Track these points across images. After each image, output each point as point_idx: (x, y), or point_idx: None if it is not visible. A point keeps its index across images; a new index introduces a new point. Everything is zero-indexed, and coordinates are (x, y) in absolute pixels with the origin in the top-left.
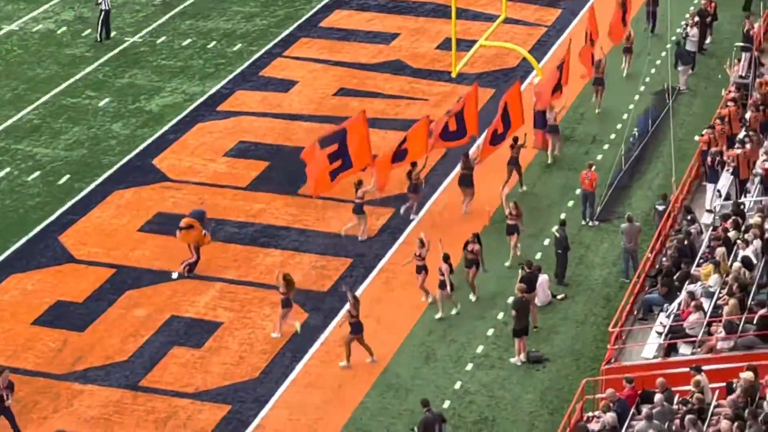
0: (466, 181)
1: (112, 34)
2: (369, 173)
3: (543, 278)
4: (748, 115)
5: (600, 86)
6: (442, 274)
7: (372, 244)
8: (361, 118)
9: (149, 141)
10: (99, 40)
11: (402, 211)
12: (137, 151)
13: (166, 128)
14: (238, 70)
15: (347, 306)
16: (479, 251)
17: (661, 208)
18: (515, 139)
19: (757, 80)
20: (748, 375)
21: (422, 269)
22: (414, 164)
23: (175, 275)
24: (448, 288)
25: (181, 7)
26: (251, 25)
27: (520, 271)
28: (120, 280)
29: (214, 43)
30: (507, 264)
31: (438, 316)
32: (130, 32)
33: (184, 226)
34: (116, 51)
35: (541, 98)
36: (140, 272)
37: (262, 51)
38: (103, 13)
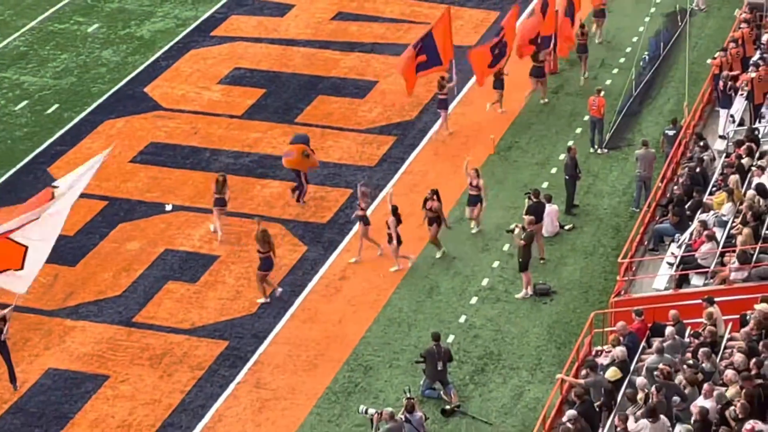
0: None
1: None
2: None
3: (552, 208)
4: (764, 38)
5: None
6: (389, 228)
7: (373, 174)
8: (446, 15)
9: (140, 68)
10: None
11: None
12: (128, 78)
13: (158, 55)
14: None
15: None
16: (439, 208)
17: (670, 133)
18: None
19: None
20: (762, 306)
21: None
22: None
23: (169, 207)
24: (395, 242)
25: None
26: None
27: (526, 200)
28: (112, 213)
29: None
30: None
31: (393, 269)
32: None
33: (299, 153)
34: None
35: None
36: (133, 204)
37: None
38: None
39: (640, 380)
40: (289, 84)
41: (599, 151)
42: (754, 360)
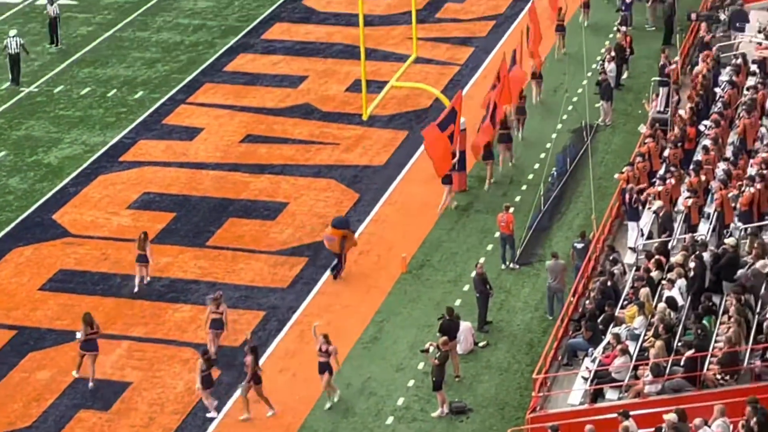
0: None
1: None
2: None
3: (465, 325)
4: (667, 152)
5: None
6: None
7: (285, 296)
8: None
9: (49, 195)
10: (12, 82)
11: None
12: (36, 206)
13: (66, 181)
14: (141, 119)
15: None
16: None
17: (579, 246)
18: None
19: (675, 116)
20: (671, 417)
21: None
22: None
23: (79, 335)
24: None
25: (79, 54)
26: (153, 72)
27: (438, 320)
28: (21, 342)
29: (114, 91)
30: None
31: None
32: (26, 82)
33: (340, 237)
34: (11, 102)
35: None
36: (42, 333)
37: (165, 98)
38: (9, 57)
39: None
40: (199, 207)
41: (511, 266)
42: None
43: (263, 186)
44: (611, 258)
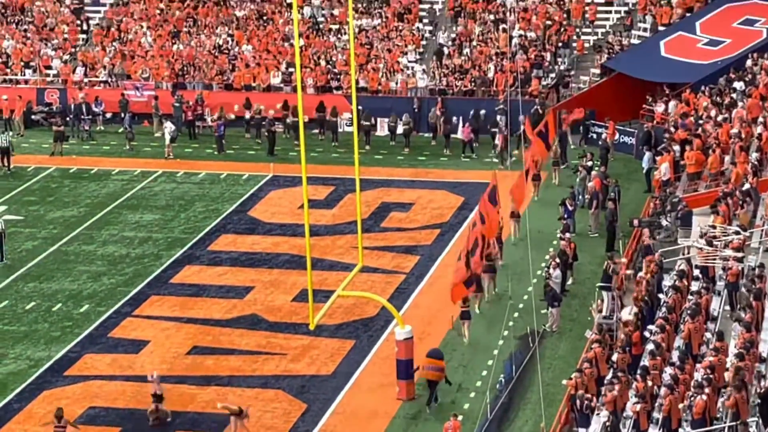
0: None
1: None
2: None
3: None
4: (614, 357)
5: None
6: None
7: None
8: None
9: None
10: None
11: None
12: None
13: (10, 397)
14: (86, 333)
15: None
16: None
17: None
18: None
19: (621, 321)
20: None
21: None
22: None
23: None
24: None
25: (24, 269)
26: (98, 285)
27: None
28: None
29: (59, 305)
30: None
31: None
32: None
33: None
34: None
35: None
36: None
37: (111, 311)
38: None
39: None
40: (145, 421)
41: None
42: None
43: (210, 398)
44: None
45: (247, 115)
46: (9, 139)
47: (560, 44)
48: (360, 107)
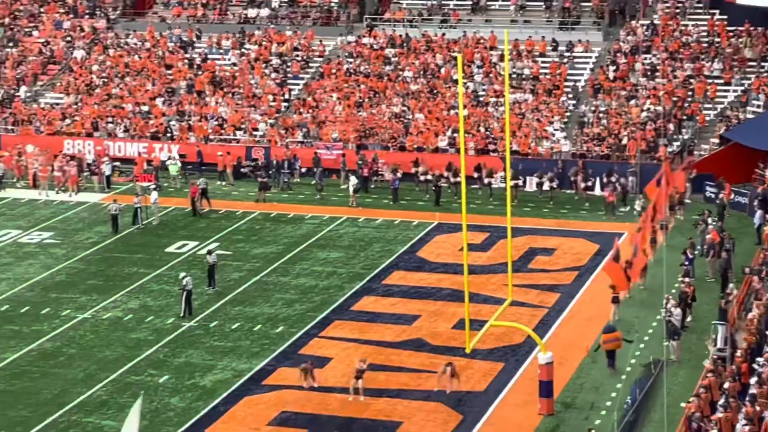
0: None
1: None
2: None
3: None
4: (726, 385)
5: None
6: None
7: None
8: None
9: (203, 413)
10: (182, 315)
11: None
12: (192, 422)
13: (216, 401)
14: (280, 349)
15: None
16: None
17: None
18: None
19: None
20: None
21: None
22: None
23: None
24: None
25: (231, 295)
26: (291, 310)
27: None
28: None
29: (259, 326)
30: None
31: None
32: (186, 319)
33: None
34: (174, 335)
35: None
36: None
37: (301, 332)
38: (185, 292)
39: None
40: (328, 425)
41: None
42: None
43: (381, 407)
44: None
45: (418, 171)
46: (206, 182)
47: (684, 117)
48: (512, 167)
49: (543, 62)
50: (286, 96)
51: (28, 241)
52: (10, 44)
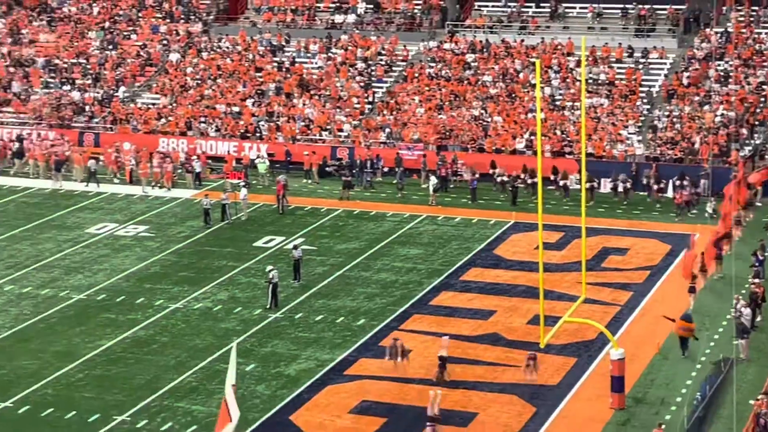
0: None
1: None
2: None
3: None
4: None
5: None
6: None
7: None
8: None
9: (287, 400)
10: (269, 307)
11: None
12: (277, 408)
13: (300, 389)
14: (362, 341)
15: None
16: None
17: None
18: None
19: None
20: None
21: None
22: None
23: None
24: None
25: (315, 288)
26: (373, 304)
27: None
28: None
29: (342, 318)
30: None
31: None
32: (273, 310)
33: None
34: (261, 325)
35: None
36: None
37: (382, 325)
38: (272, 285)
39: None
40: (406, 415)
41: None
42: None
43: (457, 398)
44: None
45: (495, 172)
46: (286, 178)
47: (756, 122)
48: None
49: (619, 68)
50: (370, 98)
51: (124, 234)
52: (110, 47)
